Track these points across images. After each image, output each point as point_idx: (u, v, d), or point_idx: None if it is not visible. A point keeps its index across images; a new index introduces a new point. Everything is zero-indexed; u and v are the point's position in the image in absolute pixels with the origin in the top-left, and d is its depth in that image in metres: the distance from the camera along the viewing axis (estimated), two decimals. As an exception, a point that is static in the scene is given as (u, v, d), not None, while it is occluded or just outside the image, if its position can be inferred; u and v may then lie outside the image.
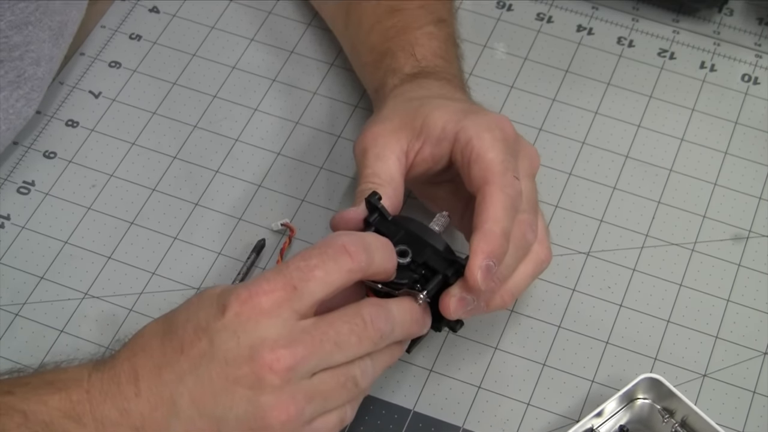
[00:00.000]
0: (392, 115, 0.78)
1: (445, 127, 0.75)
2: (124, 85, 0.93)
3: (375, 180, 0.75)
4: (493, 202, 0.72)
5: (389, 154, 0.76)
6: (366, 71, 0.87)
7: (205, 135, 0.90)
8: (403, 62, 0.83)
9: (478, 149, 0.74)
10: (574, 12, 0.98)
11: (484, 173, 0.73)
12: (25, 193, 0.87)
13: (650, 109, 0.92)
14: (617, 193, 0.88)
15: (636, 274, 0.84)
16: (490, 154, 0.74)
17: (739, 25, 0.98)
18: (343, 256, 0.65)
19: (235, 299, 0.63)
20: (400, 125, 0.77)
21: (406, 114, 0.77)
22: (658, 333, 0.81)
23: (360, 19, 0.88)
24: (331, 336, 0.64)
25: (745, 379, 0.79)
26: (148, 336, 0.66)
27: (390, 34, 0.85)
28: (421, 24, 0.85)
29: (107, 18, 0.96)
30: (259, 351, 0.62)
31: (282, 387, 0.63)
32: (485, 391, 0.79)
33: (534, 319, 0.81)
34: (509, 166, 0.74)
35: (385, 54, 0.84)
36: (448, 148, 0.76)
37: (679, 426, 0.75)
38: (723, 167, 0.89)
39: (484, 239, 0.71)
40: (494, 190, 0.72)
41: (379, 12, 0.87)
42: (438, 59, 0.84)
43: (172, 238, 0.85)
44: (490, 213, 0.72)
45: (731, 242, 0.86)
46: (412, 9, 0.86)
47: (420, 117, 0.76)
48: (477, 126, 0.75)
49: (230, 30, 0.96)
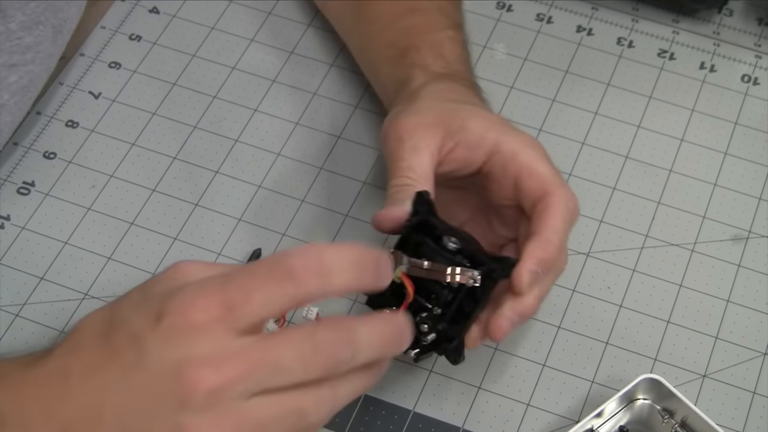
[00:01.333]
0: (428, 110, 0.78)
1: (484, 135, 0.76)
2: (124, 86, 0.93)
3: (410, 175, 0.75)
4: (555, 213, 0.73)
5: (424, 148, 0.76)
6: (383, 65, 0.87)
7: (205, 135, 0.90)
8: (431, 60, 0.83)
9: (528, 164, 0.75)
10: (574, 12, 0.98)
11: (543, 185, 0.74)
12: (25, 194, 0.87)
13: (650, 109, 0.92)
14: (617, 194, 0.88)
15: (636, 274, 0.84)
16: (542, 168, 0.75)
17: (738, 25, 0.98)
18: (288, 282, 0.57)
19: (171, 309, 0.57)
20: (436, 121, 0.77)
21: (443, 113, 0.77)
22: (658, 333, 0.81)
23: (374, 16, 0.88)
24: (270, 359, 0.56)
25: (745, 379, 0.79)
26: (86, 333, 0.60)
27: (412, 32, 0.85)
28: (442, 27, 0.86)
29: (107, 18, 0.96)
30: (186, 368, 0.56)
31: (206, 409, 0.56)
32: (485, 391, 0.79)
33: (534, 319, 0.81)
34: (562, 180, 0.75)
35: (408, 50, 0.84)
36: (482, 156, 0.76)
37: (679, 426, 0.75)
38: (723, 168, 0.89)
39: (541, 246, 0.72)
40: (557, 201, 0.73)
41: (397, 10, 0.87)
42: (461, 65, 0.84)
43: (172, 238, 0.85)
44: (551, 222, 0.73)
45: (731, 243, 0.86)
46: (431, 10, 0.87)
47: (458, 119, 0.77)
48: (519, 141, 0.76)
49: (230, 30, 0.96)
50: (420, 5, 0.87)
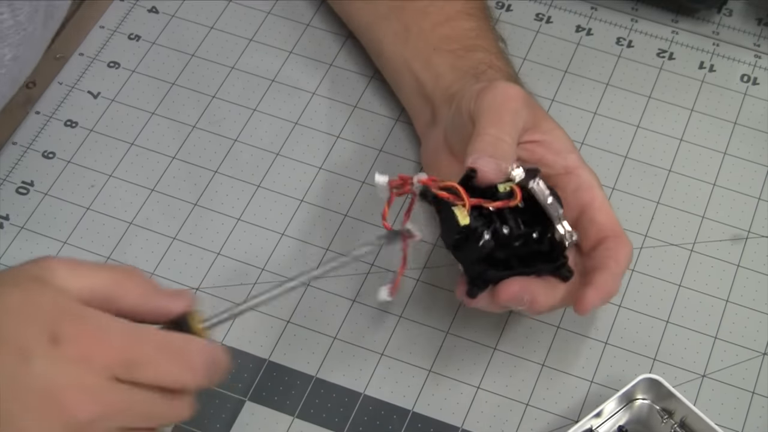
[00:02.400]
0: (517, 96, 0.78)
1: (570, 153, 0.78)
2: (122, 86, 0.93)
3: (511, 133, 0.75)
4: (624, 255, 0.75)
5: (521, 119, 0.76)
6: (439, 55, 0.86)
7: (204, 135, 0.90)
8: (502, 64, 0.85)
9: (600, 201, 0.77)
10: (573, 12, 0.98)
11: (614, 227, 0.76)
12: (23, 194, 0.87)
13: (649, 109, 0.92)
14: (616, 194, 0.88)
15: (635, 274, 0.84)
16: (612, 212, 0.77)
17: (738, 25, 0.98)
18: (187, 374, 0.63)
19: (70, 337, 0.60)
20: (535, 107, 0.78)
21: (535, 110, 0.78)
22: (657, 333, 0.81)
23: (426, 10, 0.88)
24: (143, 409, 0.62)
25: (744, 379, 0.79)
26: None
27: (472, 34, 0.86)
28: (497, 37, 0.88)
29: (106, 18, 0.96)
30: (70, 394, 0.60)
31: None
32: (484, 391, 0.79)
33: (533, 319, 0.81)
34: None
35: (475, 48, 0.85)
36: (561, 168, 0.77)
37: (678, 426, 0.75)
38: (722, 167, 0.89)
39: (613, 279, 0.74)
40: (626, 245, 0.75)
41: (451, 11, 0.88)
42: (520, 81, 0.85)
43: (170, 238, 0.85)
44: (620, 261, 0.74)
45: (730, 242, 0.86)
46: (484, 19, 0.89)
47: (550, 123, 0.78)
48: (595, 178, 0.78)
49: (229, 30, 0.96)
50: (473, 10, 0.88)
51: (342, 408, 0.77)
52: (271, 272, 0.83)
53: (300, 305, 0.81)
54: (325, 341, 0.80)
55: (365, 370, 0.79)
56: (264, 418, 0.77)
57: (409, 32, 0.88)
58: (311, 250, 0.84)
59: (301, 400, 0.77)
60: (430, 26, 0.87)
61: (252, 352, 0.79)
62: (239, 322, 0.80)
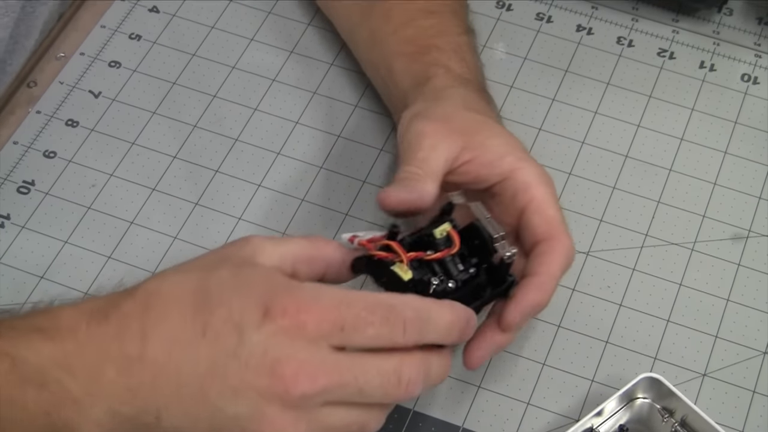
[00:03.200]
0: (453, 117, 0.78)
1: (503, 158, 0.76)
2: (124, 85, 0.93)
3: (423, 167, 0.74)
4: (557, 259, 0.73)
5: (443, 150, 0.75)
6: (399, 59, 0.86)
7: (205, 135, 0.90)
8: (454, 63, 0.83)
9: (539, 200, 0.75)
10: (574, 12, 0.98)
11: (550, 228, 0.74)
12: (24, 193, 0.87)
13: (650, 108, 0.93)
14: (617, 193, 0.88)
15: (636, 273, 0.84)
16: (551, 210, 0.75)
17: (738, 24, 0.98)
18: (398, 331, 0.63)
19: (282, 311, 0.62)
20: (460, 130, 0.76)
21: (468, 124, 0.77)
22: (658, 332, 0.81)
23: (389, 14, 0.88)
24: (358, 382, 0.62)
25: (745, 378, 0.79)
26: (169, 300, 0.63)
27: (431, 32, 0.85)
28: (459, 31, 0.86)
29: (107, 18, 0.96)
30: (283, 368, 0.61)
31: (290, 408, 0.61)
32: (485, 390, 0.79)
33: (534, 318, 0.81)
34: (566, 226, 0.75)
35: (429, 48, 0.84)
36: (496, 177, 0.76)
37: (679, 425, 0.75)
38: (722, 167, 0.89)
39: (538, 289, 0.72)
40: (560, 248, 0.74)
41: (413, 10, 0.87)
42: (478, 73, 0.85)
43: (172, 237, 0.85)
44: (550, 267, 0.73)
45: (731, 242, 0.86)
46: (446, 14, 0.87)
47: (481, 134, 0.77)
48: (534, 174, 0.76)
49: (230, 30, 0.96)
50: (435, 7, 0.87)
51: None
52: (272, 271, 0.83)
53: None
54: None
55: (366, 370, 0.79)
56: (265, 417, 0.77)
57: (374, 38, 0.88)
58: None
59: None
60: (393, 29, 0.87)
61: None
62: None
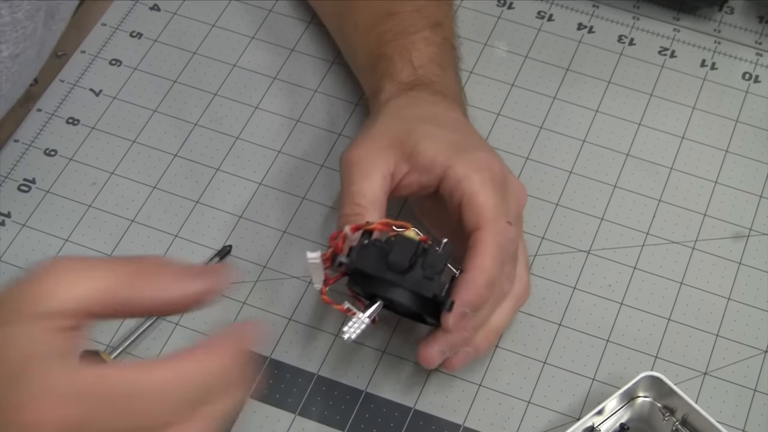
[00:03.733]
0: (383, 133, 0.77)
1: (435, 159, 0.75)
2: (124, 83, 0.93)
3: (360, 201, 0.74)
4: (483, 251, 0.72)
5: (375, 173, 0.75)
6: (362, 74, 0.87)
7: (205, 133, 0.90)
8: (399, 68, 0.83)
9: (469, 192, 0.74)
10: (575, 10, 0.98)
11: (476, 218, 0.73)
12: (25, 191, 0.87)
13: (651, 107, 0.92)
14: (618, 192, 0.88)
15: (637, 272, 0.84)
16: (481, 198, 0.73)
17: (739, 23, 0.98)
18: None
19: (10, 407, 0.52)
20: (389, 144, 0.76)
21: (398, 134, 0.77)
22: (659, 331, 0.81)
23: (356, 22, 0.88)
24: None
25: (746, 377, 0.79)
26: None
27: (386, 37, 0.85)
28: (418, 28, 0.85)
29: (108, 16, 0.96)
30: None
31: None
32: (486, 389, 0.79)
33: (535, 317, 0.81)
34: (501, 210, 0.74)
35: (381, 58, 0.84)
36: (436, 180, 0.76)
37: (680, 424, 0.75)
38: (724, 165, 0.89)
39: (466, 288, 0.71)
40: (486, 237, 0.72)
41: (375, 15, 0.86)
42: (435, 66, 0.83)
43: (172, 236, 0.85)
44: (477, 261, 0.72)
45: (732, 240, 0.86)
46: (407, 12, 0.86)
47: (411, 142, 0.76)
48: (466, 166, 0.75)
49: (231, 28, 0.96)
50: (397, 8, 0.86)
51: (344, 405, 0.77)
52: (273, 269, 0.83)
53: (301, 303, 0.82)
54: (327, 339, 0.80)
55: (367, 368, 0.79)
56: (266, 416, 0.77)
57: (348, 46, 0.89)
58: (313, 248, 0.84)
59: (303, 398, 0.77)
60: (359, 38, 0.87)
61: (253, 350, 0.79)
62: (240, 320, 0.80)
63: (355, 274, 0.72)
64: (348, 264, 0.71)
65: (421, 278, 0.71)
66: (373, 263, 0.71)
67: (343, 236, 0.72)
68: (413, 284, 0.71)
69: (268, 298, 0.82)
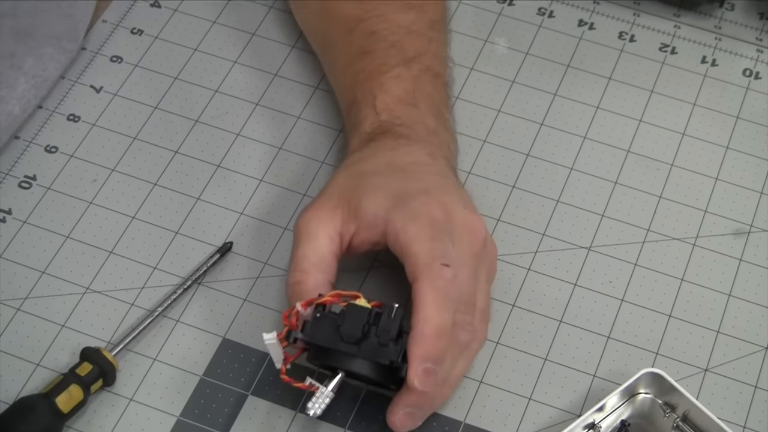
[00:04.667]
0: (332, 193, 0.77)
1: (376, 215, 0.74)
2: (125, 80, 0.93)
3: (303, 265, 0.74)
4: (423, 301, 0.71)
5: (321, 235, 0.75)
6: (343, 116, 0.86)
7: (206, 130, 0.90)
8: (363, 116, 0.81)
9: (404, 244, 0.73)
10: (576, 7, 0.98)
11: (413, 269, 0.72)
12: (26, 188, 0.87)
13: (651, 103, 0.92)
14: (618, 188, 0.88)
15: (637, 268, 0.84)
16: (414, 247, 0.72)
17: (740, 20, 0.98)
18: None
19: None
20: (337, 204, 0.76)
21: (345, 193, 0.76)
22: (660, 328, 0.81)
23: (335, 59, 0.87)
24: None
25: (747, 373, 0.79)
26: None
27: (359, 78, 0.83)
28: (390, 66, 0.83)
29: (109, 13, 0.96)
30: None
31: None
32: (487, 385, 0.79)
33: (535, 313, 0.81)
34: (436, 253, 0.72)
35: (352, 104, 0.83)
36: (379, 236, 0.75)
37: (681, 421, 0.75)
38: (724, 162, 0.89)
39: (417, 343, 0.70)
40: (423, 287, 0.71)
41: (351, 53, 0.85)
42: (402, 107, 0.81)
43: (173, 232, 0.85)
44: (420, 314, 0.71)
45: (732, 237, 0.86)
46: (381, 49, 0.84)
47: (355, 199, 0.75)
48: (403, 217, 0.73)
49: (232, 25, 0.96)
50: (372, 46, 0.84)
51: (344, 403, 0.77)
52: (274, 266, 0.83)
53: (303, 299, 0.82)
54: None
55: (368, 365, 0.79)
56: (267, 412, 0.77)
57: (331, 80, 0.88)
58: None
59: (304, 395, 0.77)
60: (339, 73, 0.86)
61: (255, 347, 0.79)
62: (241, 317, 0.80)
63: (312, 348, 0.72)
64: (303, 339, 0.71)
65: (377, 346, 0.71)
66: (328, 336, 0.71)
67: (296, 313, 0.72)
68: (369, 353, 0.71)
69: (269, 294, 0.82)
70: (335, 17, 0.87)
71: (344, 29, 0.86)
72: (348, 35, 0.85)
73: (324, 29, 0.88)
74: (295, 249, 0.75)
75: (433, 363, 0.71)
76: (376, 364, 0.71)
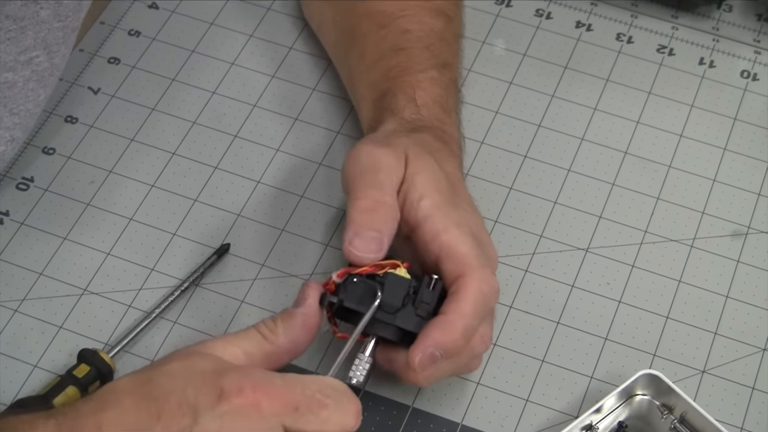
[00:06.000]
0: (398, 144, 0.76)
1: (421, 200, 0.74)
2: (123, 81, 0.93)
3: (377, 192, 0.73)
4: (466, 296, 0.71)
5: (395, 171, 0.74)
6: (363, 106, 0.85)
7: (204, 131, 0.90)
8: (403, 104, 0.81)
9: (448, 244, 0.72)
10: (573, 8, 0.98)
11: (460, 267, 0.72)
12: (24, 189, 0.87)
13: (649, 105, 0.92)
14: (616, 189, 0.88)
15: (635, 270, 0.84)
16: (462, 248, 0.72)
17: (738, 21, 0.98)
18: (350, 418, 0.65)
19: (237, 390, 0.62)
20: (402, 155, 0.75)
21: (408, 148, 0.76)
22: (657, 329, 0.81)
23: (363, 53, 0.86)
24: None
25: (744, 375, 0.79)
26: (122, 393, 0.63)
27: (392, 73, 0.83)
28: (425, 67, 0.83)
29: (106, 14, 0.96)
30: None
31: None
32: (484, 387, 0.79)
33: (533, 315, 0.81)
34: (484, 261, 0.72)
35: (385, 93, 0.83)
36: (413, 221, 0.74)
37: (678, 422, 0.75)
38: (722, 163, 0.89)
39: (441, 328, 0.70)
40: (470, 283, 0.71)
41: (383, 48, 0.85)
42: (438, 108, 0.82)
43: (171, 234, 0.85)
44: (459, 305, 0.71)
45: (730, 238, 0.86)
46: (416, 49, 0.84)
47: (412, 166, 0.75)
48: (446, 219, 0.73)
49: (229, 26, 0.96)
50: (406, 44, 0.85)
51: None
52: (272, 268, 0.83)
53: (300, 301, 0.82)
54: (324, 337, 0.80)
55: (365, 366, 0.79)
56: (264, 414, 0.77)
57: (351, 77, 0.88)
58: (312, 246, 0.84)
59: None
60: (364, 69, 0.86)
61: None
62: (239, 319, 0.80)
63: (344, 313, 0.73)
64: (341, 298, 0.72)
65: (414, 316, 0.71)
66: (361, 301, 0.71)
67: (332, 283, 0.72)
68: (406, 322, 0.71)
69: (267, 296, 0.82)
70: (367, 11, 0.87)
71: (376, 24, 0.86)
72: (380, 30, 0.86)
73: (352, 23, 0.88)
74: (364, 174, 0.74)
75: (442, 354, 0.71)
76: (411, 334, 0.71)
